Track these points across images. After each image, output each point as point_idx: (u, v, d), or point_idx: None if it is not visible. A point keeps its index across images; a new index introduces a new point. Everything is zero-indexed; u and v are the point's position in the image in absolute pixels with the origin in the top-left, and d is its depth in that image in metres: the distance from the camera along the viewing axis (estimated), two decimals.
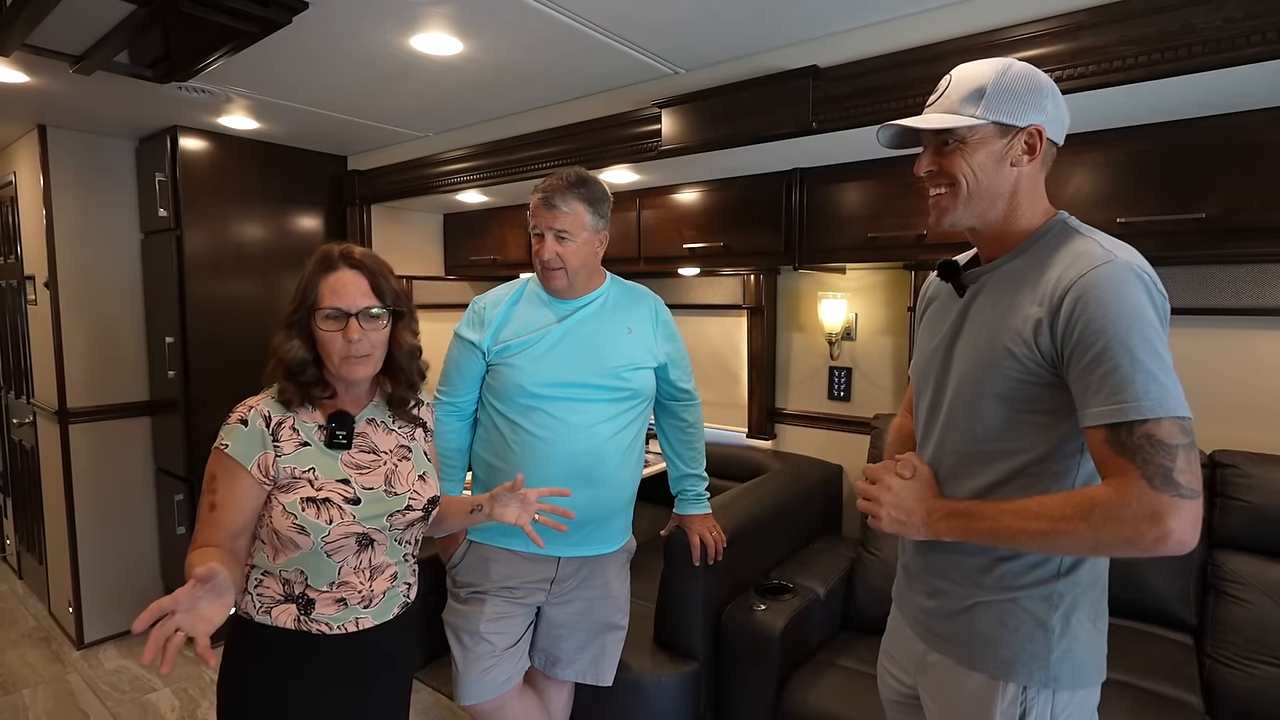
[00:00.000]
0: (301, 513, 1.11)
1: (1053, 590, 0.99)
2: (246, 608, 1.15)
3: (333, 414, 1.18)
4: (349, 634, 1.16)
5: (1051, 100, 0.98)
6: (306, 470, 1.13)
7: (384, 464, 1.20)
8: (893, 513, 1.04)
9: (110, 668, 2.71)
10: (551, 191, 1.55)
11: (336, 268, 1.16)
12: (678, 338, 1.77)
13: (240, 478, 1.11)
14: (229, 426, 1.13)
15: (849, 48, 1.67)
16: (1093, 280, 0.88)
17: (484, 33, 1.73)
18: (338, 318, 1.13)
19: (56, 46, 1.78)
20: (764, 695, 1.85)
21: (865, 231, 2.09)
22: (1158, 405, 0.83)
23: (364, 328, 1.14)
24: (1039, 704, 0.99)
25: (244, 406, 1.15)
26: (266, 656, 1.14)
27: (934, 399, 1.10)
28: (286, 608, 1.13)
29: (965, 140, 0.98)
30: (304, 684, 1.14)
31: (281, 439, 1.13)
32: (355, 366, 1.15)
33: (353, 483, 1.16)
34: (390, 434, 1.24)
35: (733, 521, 1.94)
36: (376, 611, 1.19)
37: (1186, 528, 0.83)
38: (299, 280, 1.17)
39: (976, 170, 0.98)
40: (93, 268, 2.80)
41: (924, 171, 1.04)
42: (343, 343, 1.13)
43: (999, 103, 0.96)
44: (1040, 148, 0.97)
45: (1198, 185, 1.58)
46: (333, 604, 1.15)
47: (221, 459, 1.12)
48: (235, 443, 1.12)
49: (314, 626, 1.14)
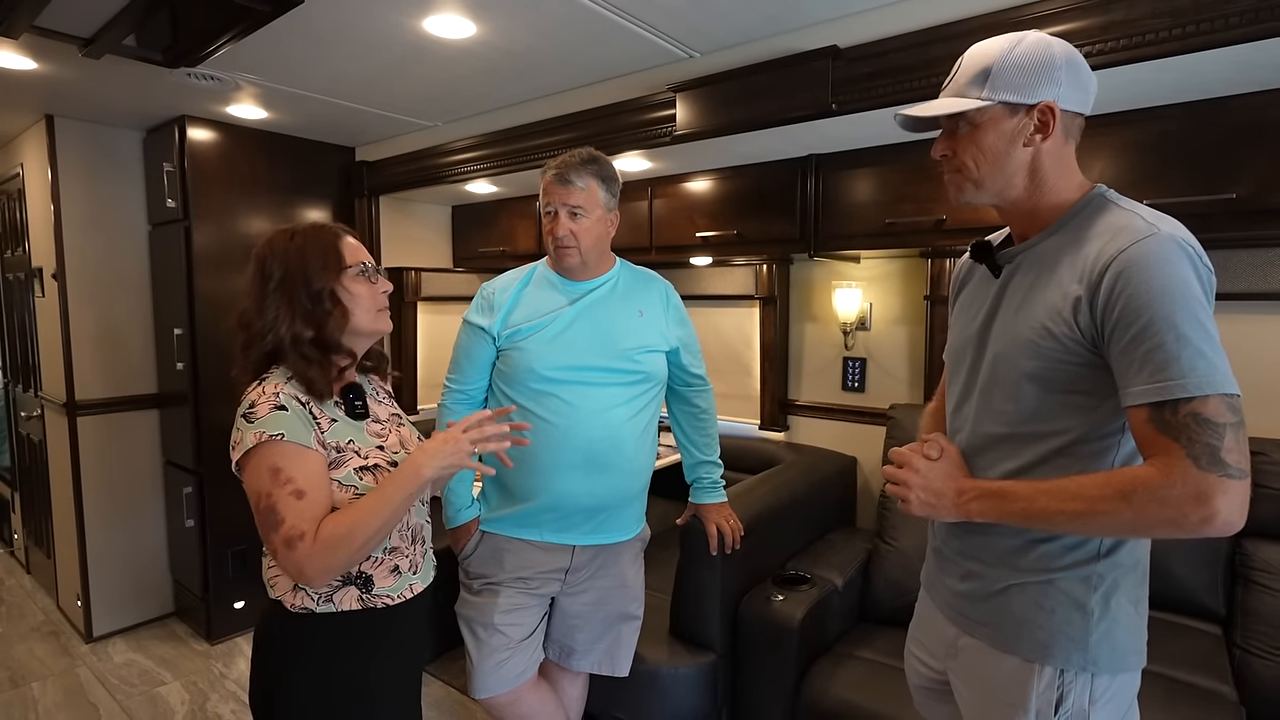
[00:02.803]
0: (361, 481, 1.11)
1: (1091, 571, 0.96)
2: (303, 603, 1.10)
3: (345, 387, 1.19)
4: (405, 601, 1.18)
5: (1067, 71, 0.93)
6: (348, 442, 1.13)
7: (391, 431, 1.23)
8: (922, 495, 1.01)
9: (119, 661, 2.70)
10: (566, 168, 1.53)
11: (344, 234, 1.19)
12: (688, 323, 1.75)
13: (308, 456, 1.07)
14: (266, 418, 1.05)
15: (869, 27, 1.64)
16: (1135, 254, 0.85)
17: (498, 14, 1.70)
18: (368, 273, 1.17)
19: (65, 29, 1.76)
20: (782, 687, 1.82)
21: (883, 217, 2.06)
22: (1205, 382, 0.80)
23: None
24: (1077, 688, 0.97)
25: (267, 396, 1.08)
26: (333, 643, 1.12)
27: (967, 381, 1.08)
28: (347, 591, 1.12)
29: (974, 123, 0.97)
30: (369, 659, 1.15)
31: (317, 416, 1.11)
32: (385, 317, 1.20)
33: (385, 448, 1.18)
34: (381, 404, 1.27)
35: (749, 511, 1.91)
36: (422, 575, 1.22)
37: (1234, 508, 0.80)
38: (301, 255, 1.12)
39: (986, 153, 0.96)
40: (101, 260, 2.79)
41: (938, 155, 1.03)
42: (378, 296, 1.18)
43: (1005, 82, 0.93)
44: (1054, 124, 0.94)
45: (1228, 166, 1.55)
46: (388, 575, 1.16)
47: (279, 449, 1.05)
48: (288, 427, 1.06)
49: (377, 601, 1.14)
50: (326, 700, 1.12)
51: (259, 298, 1.13)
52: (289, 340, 1.10)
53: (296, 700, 1.12)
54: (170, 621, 3.01)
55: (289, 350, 1.11)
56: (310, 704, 1.12)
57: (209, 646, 2.80)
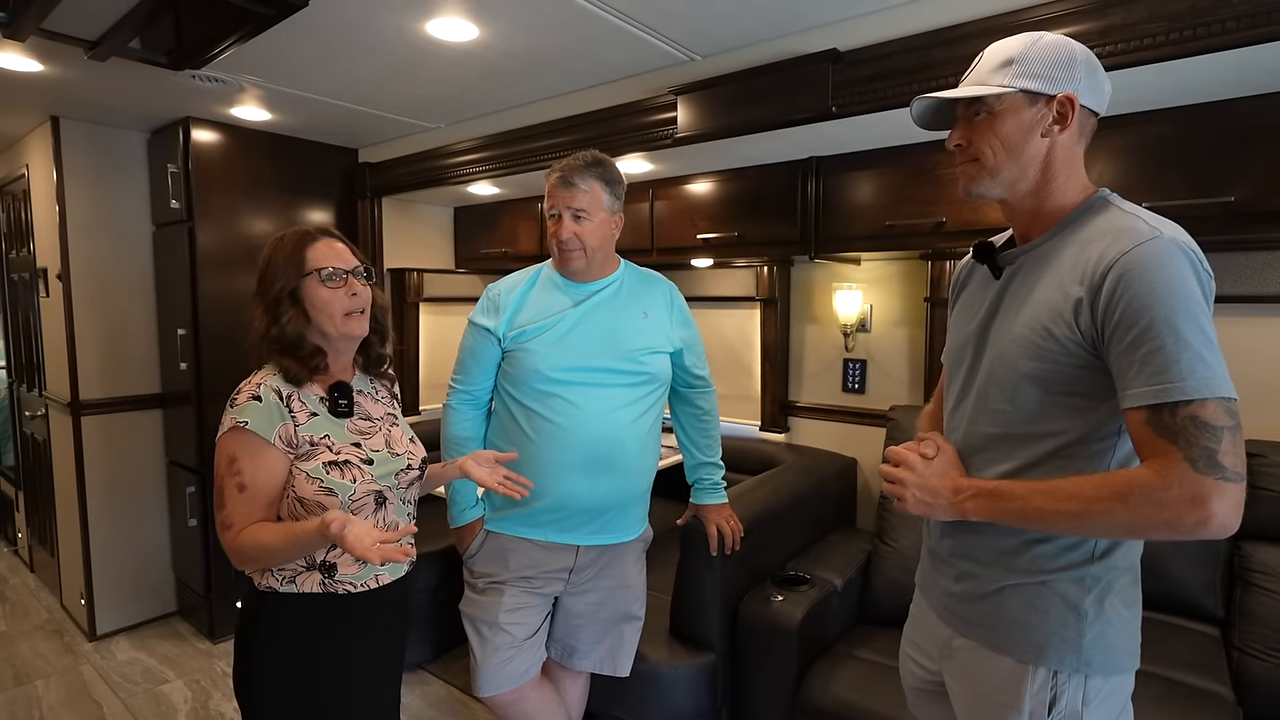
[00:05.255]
0: (327, 475, 1.16)
1: (1086, 574, 0.96)
2: (269, 583, 1.18)
3: (333, 384, 1.24)
4: (370, 590, 1.22)
5: (1085, 69, 0.95)
6: (322, 437, 1.19)
7: (379, 429, 1.28)
8: (917, 493, 1.01)
9: (123, 659, 2.71)
10: (570, 170, 1.53)
11: (318, 238, 1.23)
12: (692, 324, 1.76)
13: (266, 451, 1.14)
14: (241, 406, 1.15)
15: (870, 30, 1.65)
16: (1136, 257, 0.86)
17: (501, 18, 1.72)
18: (338, 276, 1.20)
19: (71, 31, 1.78)
20: (782, 686, 1.83)
21: (883, 220, 2.07)
22: (1203, 385, 0.81)
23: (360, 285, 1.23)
24: (1070, 689, 0.97)
25: (250, 385, 1.18)
26: (297, 622, 1.18)
27: (965, 381, 1.08)
28: (310, 575, 1.18)
29: (994, 110, 0.97)
30: (334, 641, 1.20)
31: (294, 409, 1.17)
32: (358, 322, 1.22)
33: (362, 445, 1.23)
34: (377, 403, 1.32)
35: (749, 512, 1.92)
36: (391, 569, 1.26)
37: (1229, 511, 0.80)
38: (271, 261, 1.22)
39: (1003, 141, 0.96)
40: (105, 260, 2.80)
41: (953, 145, 1.03)
42: (346, 300, 1.20)
43: (1027, 70, 0.94)
44: (1073, 117, 0.94)
45: (1226, 168, 1.55)
46: (353, 563, 1.19)
47: (241, 437, 1.14)
48: (254, 418, 1.14)
49: (339, 587, 1.19)
50: (288, 679, 1.17)
51: (253, 295, 1.25)
52: (260, 335, 1.20)
53: (261, 677, 1.17)
54: (173, 620, 3.03)
55: (262, 344, 1.20)
56: (273, 681, 1.17)
57: (211, 645, 2.81)
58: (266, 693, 1.18)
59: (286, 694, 1.18)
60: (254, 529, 1.12)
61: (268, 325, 1.19)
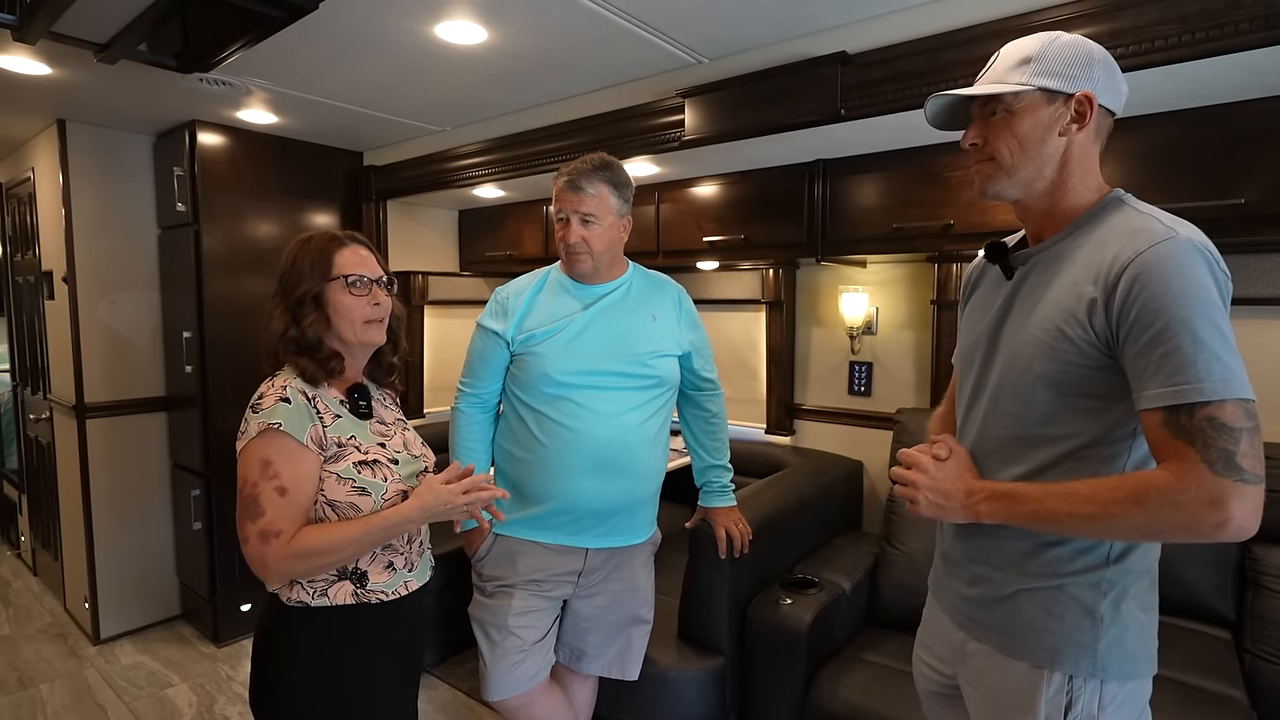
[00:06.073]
0: (359, 475, 1.15)
1: (1101, 577, 0.95)
2: (299, 597, 1.15)
3: (351, 386, 1.24)
4: (400, 598, 1.21)
5: (1103, 68, 0.95)
6: (349, 438, 1.18)
7: (395, 433, 1.28)
8: (930, 496, 1.00)
9: (127, 663, 2.70)
10: (577, 174, 1.53)
11: (347, 244, 1.23)
12: (700, 326, 1.75)
13: (301, 453, 1.12)
14: (270, 408, 1.12)
15: (879, 33, 1.65)
16: (1152, 258, 0.85)
17: (509, 20, 1.72)
18: (363, 284, 1.20)
19: (81, 35, 1.78)
20: (791, 690, 1.82)
21: (890, 222, 2.07)
22: (1221, 387, 0.80)
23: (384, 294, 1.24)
24: (1086, 694, 0.96)
25: (275, 388, 1.16)
26: (328, 636, 1.15)
27: (977, 383, 1.07)
28: (342, 585, 1.16)
29: (1011, 108, 0.96)
30: (365, 652, 1.18)
31: (321, 411, 1.16)
32: (377, 330, 1.23)
33: (386, 445, 1.22)
34: (388, 409, 1.32)
35: (756, 515, 1.91)
36: (418, 574, 1.26)
37: (1248, 513, 0.80)
38: (295, 262, 1.20)
39: (1021, 140, 0.96)
40: (110, 263, 2.80)
41: (968, 144, 1.02)
42: (369, 308, 1.20)
43: (1046, 69, 0.94)
44: (1091, 115, 0.94)
45: (1235, 170, 1.55)
46: (383, 571, 1.19)
47: (275, 438, 1.11)
48: (288, 419, 1.12)
49: (371, 596, 1.18)
50: (321, 695, 1.15)
51: (272, 295, 1.23)
52: (278, 336, 1.19)
53: (292, 695, 1.14)
54: (177, 624, 3.02)
55: (280, 345, 1.19)
56: (305, 698, 1.14)
57: (216, 649, 2.80)
58: (298, 711, 1.14)
59: (320, 709, 1.15)
60: (313, 531, 1.10)
61: (287, 326, 1.18)
